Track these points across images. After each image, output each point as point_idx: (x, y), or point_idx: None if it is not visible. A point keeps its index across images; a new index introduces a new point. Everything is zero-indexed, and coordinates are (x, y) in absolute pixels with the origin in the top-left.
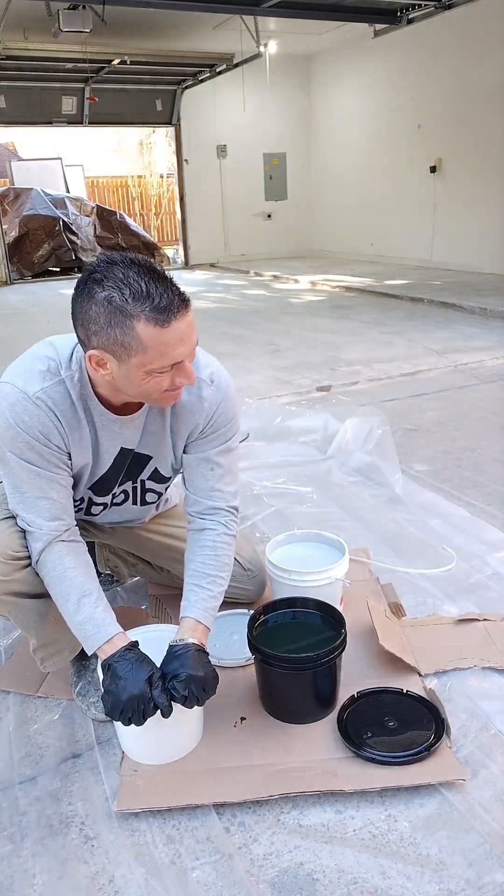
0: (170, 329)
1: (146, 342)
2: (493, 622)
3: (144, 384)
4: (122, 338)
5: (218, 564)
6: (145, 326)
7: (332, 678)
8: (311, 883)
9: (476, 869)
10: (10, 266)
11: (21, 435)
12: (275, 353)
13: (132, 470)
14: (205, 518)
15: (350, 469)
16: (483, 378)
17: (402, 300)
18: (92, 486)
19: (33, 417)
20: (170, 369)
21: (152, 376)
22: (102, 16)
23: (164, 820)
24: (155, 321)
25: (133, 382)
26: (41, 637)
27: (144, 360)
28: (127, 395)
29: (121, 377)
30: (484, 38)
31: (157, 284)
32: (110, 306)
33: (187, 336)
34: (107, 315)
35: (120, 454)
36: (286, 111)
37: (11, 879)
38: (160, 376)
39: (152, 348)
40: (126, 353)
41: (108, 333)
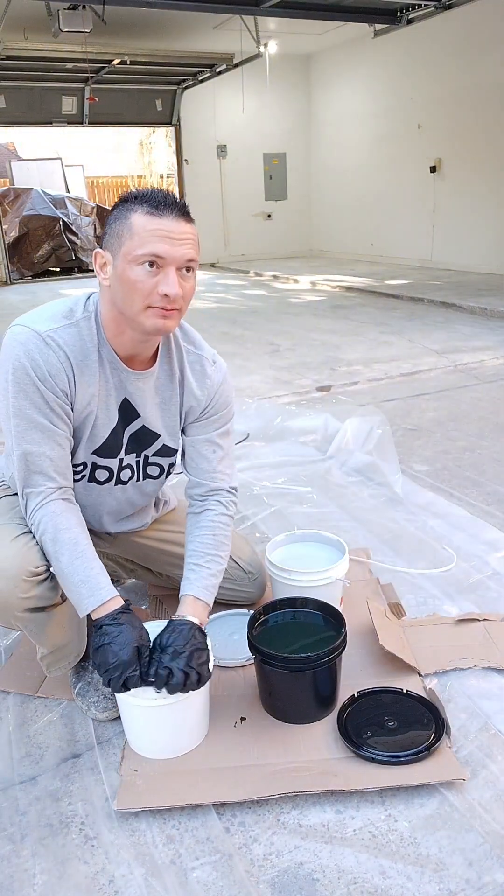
0: (159, 220)
1: (135, 228)
2: (493, 622)
3: (129, 280)
4: (118, 228)
5: (216, 543)
6: (139, 216)
7: (332, 678)
8: (311, 883)
9: (476, 869)
10: (10, 266)
11: (29, 375)
12: (275, 353)
13: (139, 441)
14: (206, 499)
15: (350, 469)
16: (483, 378)
17: (401, 300)
18: (96, 449)
19: (43, 355)
20: (153, 267)
21: (135, 268)
22: (102, 16)
23: (164, 820)
24: (147, 211)
25: (121, 279)
26: (51, 646)
27: (130, 245)
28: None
29: (114, 278)
30: (484, 38)
31: (163, 194)
32: (121, 208)
33: (175, 237)
34: (116, 214)
35: (123, 408)
36: (286, 111)
37: (11, 879)
38: (144, 273)
39: (138, 233)
40: (119, 244)
41: (111, 229)
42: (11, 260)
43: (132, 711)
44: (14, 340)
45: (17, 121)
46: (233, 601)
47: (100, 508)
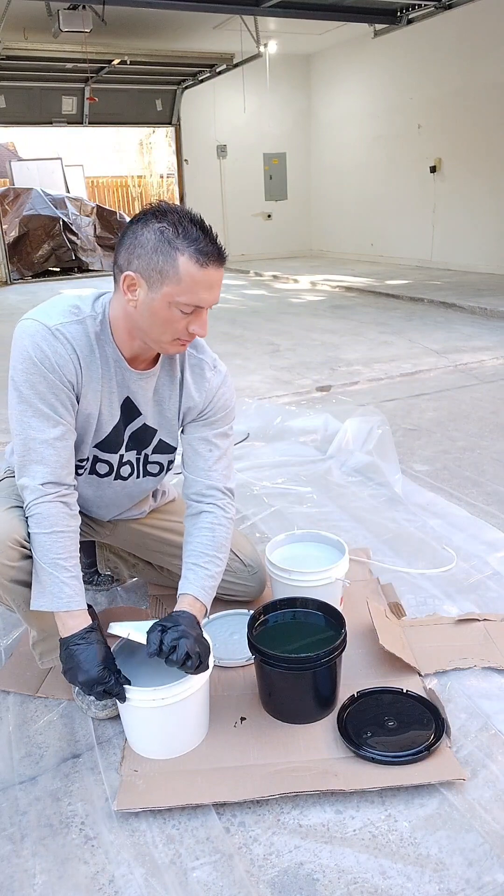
0: (205, 272)
1: (182, 274)
2: (493, 622)
3: (163, 317)
4: (162, 265)
5: (215, 545)
6: (187, 261)
7: (332, 678)
8: (311, 883)
9: (476, 869)
10: (10, 266)
11: (37, 366)
12: (275, 353)
13: (139, 439)
14: (202, 501)
15: (350, 469)
16: (483, 378)
17: (401, 300)
18: (98, 443)
19: (51, 347)
20: (190, 312)
21: (173, 310)
22: (102, 16)
23: (164, 820)
24: (196, 260)
25: (154, 312)
26: (43, 629)
27: (175, 290)
28: (140, 337)
29: (144, 305)
30: (484, 38)
31: (205, 235)
32: (162, 236)
33: (216, 286)
34: (156, 242)
35: (126, 406)
36: (286, 111)
37: (11, 879)
38: (180, 315)
39: (185, 282)
40: (160, 281)
41: (151, 259)
42: (11, 260)
43: (132, 712)
44: (24, 333)
45: (17, 121)
46: (232, 596)
47: (99, 500)
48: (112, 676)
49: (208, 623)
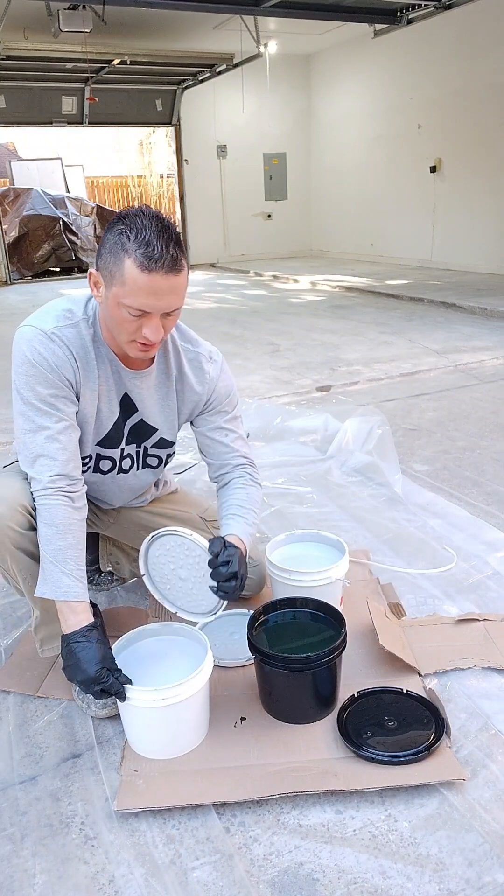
0: (149, 277)
1: (125, 277)
2: (493, 622)
3: (117, 317)
4: (112, 266)
5: (250, 501)
6: (131, 265)
7: (332, 678)
8: (311, 883)
9: (476, 869)
10: (10, 266)
11: (36, 367)
12: (275, 353)
13: (138, 433)
14: (230, 473)
15: (350, 469)
16: (483, 378)
17: (401, 300)
18: (100, 441)
19: (48, 350)
20: (138, 315)
21: (122, 311)
22: (102, 16)
23: (164, 820)
24: (139, 264)
25: (110, 311)
26: (46, 609)
27: (119, 292)
28: (113, 335)
29: (104, 303)
30: (484, 38)
31: (160, 241)
32: (118, 239)
33: (162, 294)
34: (112, 244)
35: (124, 402)
36: (286, 111)
37: (11, 879)
38: (129, 317)
39: (128, 285)
40: (110, 280)
41: (107, 259)
42: (11, 260)
43: (133, 711)
44: (22, 339)
45: (17, 121)
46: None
47: (101, 493)
48: (110, 676)
49: (208, 623)
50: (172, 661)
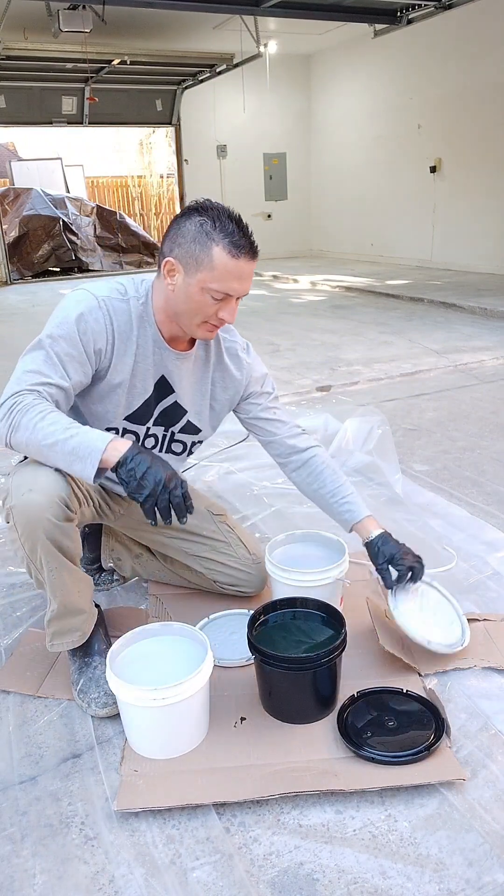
0: (237, 262)
1: (216, 262)
2: (493, 622)
3: (196, 301)
4: (199, 253)
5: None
6: (220, 251)
7: (332, 678)
8: (311, 883)
9: (476, 869)
10: (10, 266)
11: (72, 327)
12: (275, 353)
13: (168, 416)
14: (302, 450)
15: (350, 469)
16: (483, 378)
17: (401, 300)
18: (128, 415)
19: (93, 314)
20: (221, 299)
21: (205, 296)
22: (102, 16)
23: (164, 820)
24: (229, 251)
25: (189, 296)
26: (63, 602)
27: (208, 277)
28: (175, 320)
29: (180, 289)
30: (484, 38)
31: (240, 230)
32: (201, 228)
33: (246, 278)
34: (195, 233)
35: (160, 384)
36: (286, 111)
37: (11, 879)
38: (211, 301)
39: (218, 269)
40: (196, 267)
41: (190, 247)
42: (11, 260)
43: (132, 711)
44: (73, 297)
45: (17, 121)
46: (235, 586)
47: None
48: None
49: (208, 623)
50: (172, 661)
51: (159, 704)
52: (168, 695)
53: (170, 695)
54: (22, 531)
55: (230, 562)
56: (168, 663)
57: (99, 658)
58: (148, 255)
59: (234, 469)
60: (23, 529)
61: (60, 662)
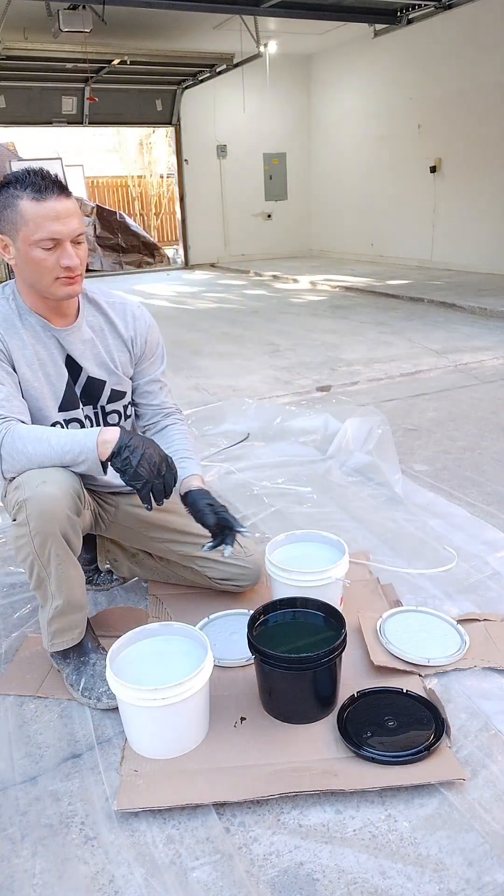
0: (45, 205)
1: (27, 215)
2: (493, 622)
3: (34, 261)
4: (11, 216)
5: (191, 447)
6: (26, 203)
7: (332, 678)
8: (311, 883)
9: (476, 869)
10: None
11: None
12: (275, 353)
13: (90, 393)
14: (164, 421)
15: (350, 469)
16: (483, 378)
17: (401, 300)
18: (60, 406)
19: None
20: (52, 246)
21: (36, 251)
22: (102, 16)
23: (164, 820)
24: (32, 197)
25: (26, 260)
26: (70, 600)
27: (26, 232)
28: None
29: (19, 258)
30: (484, 38)
31: (39, 176)
32: (6, 194)
33: (63, 216)
34: (3, 201)
35: (69, 364)
36: (286, 111)
37: (11, 879)
38: (45, 253)
39: (31, 220)
40: (15, 230)
41: (4, 216)
42: None
43: (132, 711)
44: None
45: (17, 121)
46: (231, 581)
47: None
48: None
49: (208, 623)
50: (172, 661)
51: (159, 704)
52: (168, 695)
53: (170, 695)
54: (35, 524)
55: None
56: (168, 663)
57: (95, 655)
58: (148, 255)
59: (234, 469)
60: (36, 522)
61: None
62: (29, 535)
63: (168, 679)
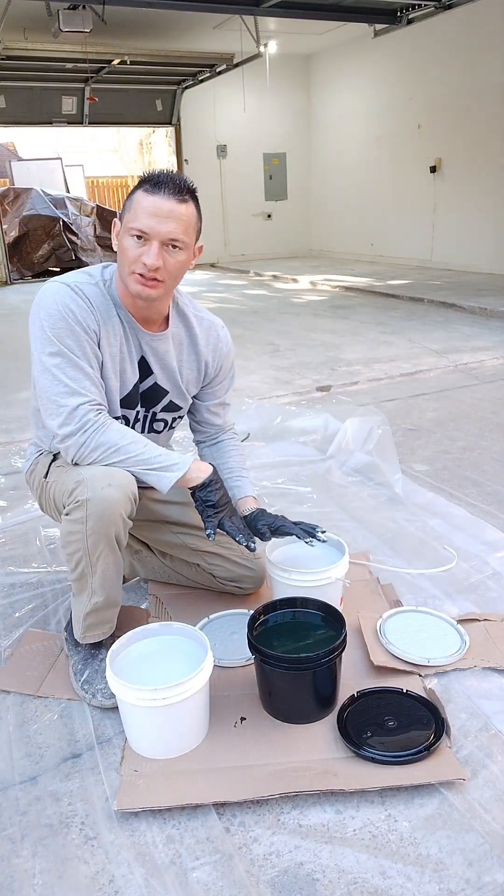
0: (152, 198)
1: (134, 202)
2: (493, 622)
3: (122, 247)
4: (127, 202)
5: (244, 464)
6: (140, 192)
7: (332, 678)
8: (311, 883)
9: (476, 869)
10: (10, 266)
11: (64, 320)
12: (275, 353)
13: (148, 398)
14: (219, 435)
15: (350, 469)
16: (483, 378)
17: (401, 300)
18: (122, 399)
19: (73, 300)
20: (140, 239)
21: (127, 238)
22: (102, 16)
23: (164, 820)
24: (145, 189)
25: (120, 246)
26: (110, 597)
27: (128, 217)
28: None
29: (118, 245)
30: (484, 38)
31: (166, 175)
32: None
33: (163, 216)
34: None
35: (141, 365)
36: (286, 111)
37: (11, 879)
38: (133, 242)
39: (134, 207)
40: (125, 213)
41: (126, 204)
42: (11, 260)
43: (132, 711)
44: (46, 293)
45: (17, 121)
46: (235, 582)
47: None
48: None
49: (208, 623)
50: (172, 661)
51: (159, 704)
52: (168, 695)
53: (170, 695)
54: (93, 524)
55: (231, 556)
56: (168, 663)
57: (105, 651)
58: None
59: None
60: (94, 523)
61: (61, 662)
62: (84, 532)
63: (168, 679)
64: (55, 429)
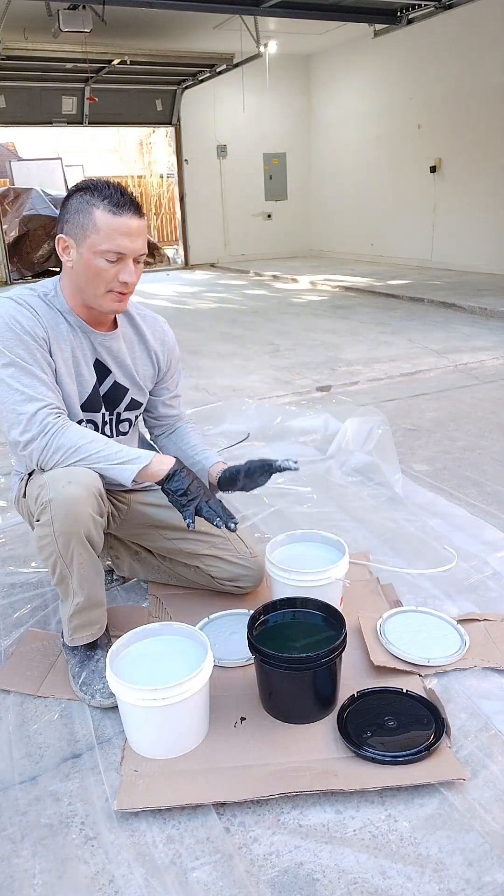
0: (120, 219)
1: (99, 224)
2: (493, 622)
3: (93, 269)
4: (83, 220)
5: (205, 441)
6: (101, 213)
7: (332, 678)
8: (311, 883)
9: (476, 869)
10: (10, 266)
11: (12, 331)
12: (275, 353)
13: (111, 398)
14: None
15: (350, 469)
16: (483, 378)
17: (401, 300)
18: (83, 404)
19: (18, 311)
20: (115, 260)
21: (99, 260)
22: (102, 16)
23: (164, 820)
24: (110, 210)
25: (86, 266)
26: (91, 597)
27: (95, 240)
28: (83, 298)
29: (77, 262)
30: (484, 38)
31: (118, 192)
32: (81, 199)
33: (134, 234)
34: (77, 205)
35: (97, 367)
36: (286, 111)
37: (11, 879)
38: (107, 264)
39: (103, 230)
40: (83, 235)
41: (75, 219)
42: (11, 260)
43: (132, 711)
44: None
45: (17, 121)
46: (234, 582)
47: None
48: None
49: (208, 623)
50: (172, 661)
51: (159, 704)
52: (168, 695)
53: (170, 695)
54: (59, 525)
55: (228, 556)
56: (168, 663)
57: (102, 652)
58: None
59: None
60: (60, 523)
61: (60, 662)
62: (53, 535)
63: (168, 679)
64: (17, 437)
